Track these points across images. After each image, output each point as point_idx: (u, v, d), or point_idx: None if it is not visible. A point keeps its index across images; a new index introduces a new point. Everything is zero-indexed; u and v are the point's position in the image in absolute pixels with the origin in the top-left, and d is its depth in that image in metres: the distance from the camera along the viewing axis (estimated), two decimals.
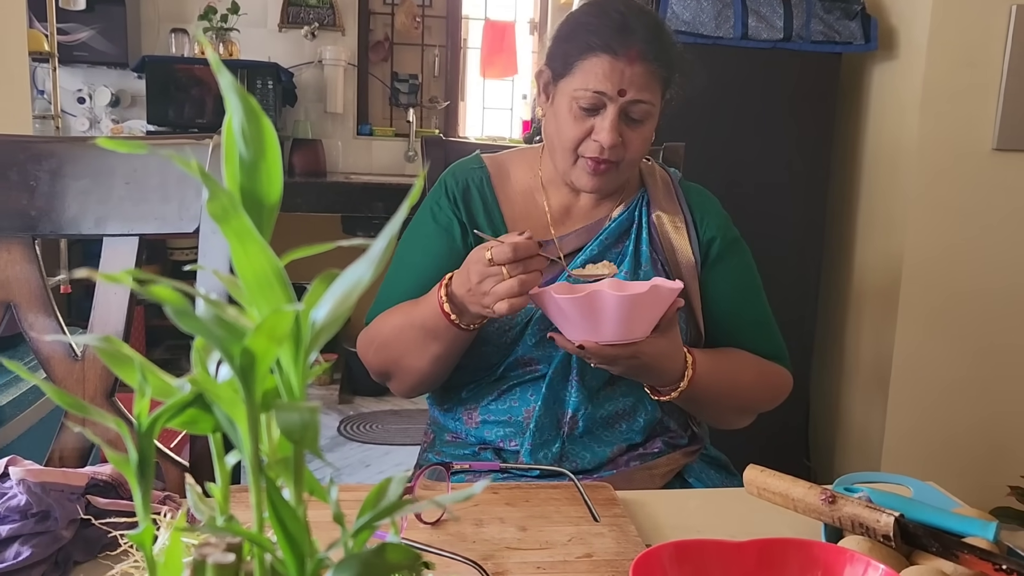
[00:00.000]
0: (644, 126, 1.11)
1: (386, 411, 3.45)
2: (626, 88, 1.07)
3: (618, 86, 1.07)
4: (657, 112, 1.13)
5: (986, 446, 2.32)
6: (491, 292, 0.97)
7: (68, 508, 0.66)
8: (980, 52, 2.16)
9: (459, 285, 1.02)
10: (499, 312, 0.97)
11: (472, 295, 1.00)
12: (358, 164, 3.94)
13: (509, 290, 0.96)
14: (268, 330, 0.25)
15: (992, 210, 2.22)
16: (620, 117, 1.09)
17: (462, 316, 1.04)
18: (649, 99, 1.09)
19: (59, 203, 0.88)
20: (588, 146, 1.11)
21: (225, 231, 0.26)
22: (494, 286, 0.97)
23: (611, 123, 1.08)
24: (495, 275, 0.97)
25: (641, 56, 1.07)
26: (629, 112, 1.09)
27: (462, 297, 1.02)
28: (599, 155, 1.10)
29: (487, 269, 0.97)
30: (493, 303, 0.97)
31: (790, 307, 2.27)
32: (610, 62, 1.07)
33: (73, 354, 0.89)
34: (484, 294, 0.98)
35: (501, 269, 0.96)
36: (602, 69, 1.07)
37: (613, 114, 1.08)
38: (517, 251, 0.96)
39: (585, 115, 1.09)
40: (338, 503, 0.30)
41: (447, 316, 1.04)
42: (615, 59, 1.06)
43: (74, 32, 3.44)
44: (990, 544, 0.67)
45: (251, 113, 0.27)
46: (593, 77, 1.07)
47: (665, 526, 0.83)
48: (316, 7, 3.80)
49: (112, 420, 0.29)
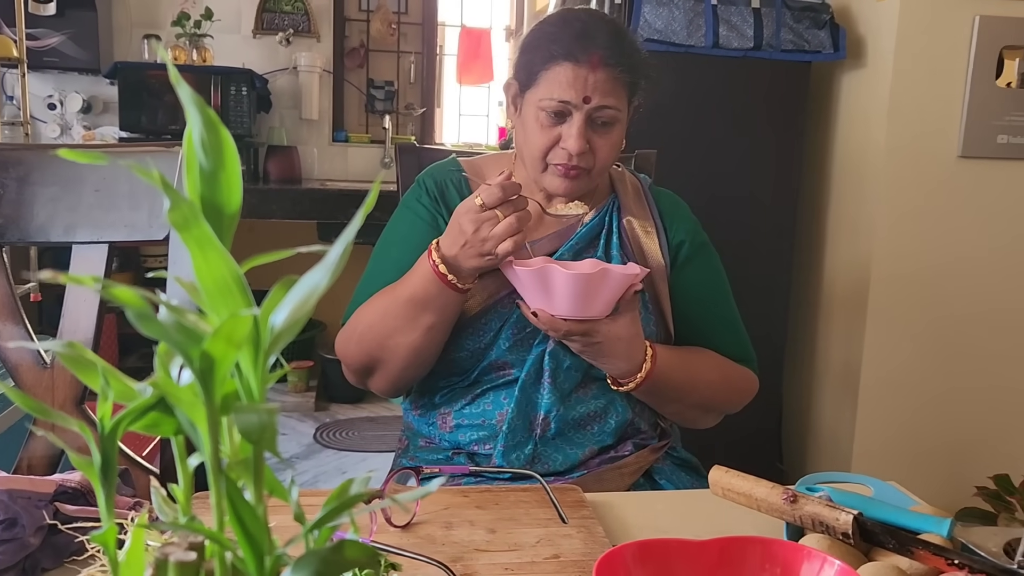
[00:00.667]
0: (612, 132, 1.13)
1: (362, 418, 3.45)
2: (590, 95, 1.09)
3: (582, 93, 1.08)
4: (624, 118, 1.14)
5: (953, 447, 2.36)
6: (491, 236, 1.01)
7: (36, 515, 0.66)
8: (945, 61, 2.21)
9: (451, 244, 1.05)
10: (503, 252, 1.02)
11: (469, 246, 1.03)
12: (334, 171, 3.93)
13: (508, 228, 1.01)
14: (226, 334, 0.26)
15: (958, 216, 2.27)
16: (587, 124, 1.10)
17: (458, 275, 1.06)
18: (614, 104, 1.11)
19: (27, 211, 0.88)
20: (556, 154, 1.12)
21: (186, 239, 0.27)
22: (492, 229, 1.01)
23: (578, 130, 1.09)
24: (490, 219, 1.02)
25: (603, 62, 1.08)
26: (595, 118, 1.11)
27: (456, 255, 1.04)
28: (567, 162, 1.11)
29: (480, 215, 1.02)
30: (495, 246, 1.02)
31: (761, 311, 2.30)
32: (573, 69, 1.08)
33: (42, 362, 0.89)
34: (484, 240, 1.02)
35: (494, 213, 1.01)
36: (565, 77, 1.08)
37: (579, 121, 1.09)
38: (505, 191, 1.01)
39: (552, 123, 1.11)
40: (299, 503, 0.31)
41: (443, 278, 1.05)
42: (577, 66, 1.08)
43: (44, 37, 3.41)
44: (944, 540, 0.69)
45: (210, 124, 0.28)
46: (557, 86, 1.09)
47: (632, 527, 0.84)
48: (291, 13, 3.79)
49: (76, 424, 0.30)
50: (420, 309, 1.08)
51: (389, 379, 1.16)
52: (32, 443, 0.89)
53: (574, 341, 1.07)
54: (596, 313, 1.04)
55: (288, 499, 0.31)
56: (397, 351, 1.12)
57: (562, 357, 1.13)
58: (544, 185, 1.16)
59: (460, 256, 1.04)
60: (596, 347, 1.07)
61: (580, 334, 1.05)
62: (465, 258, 1.04)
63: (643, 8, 2.21)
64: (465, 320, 1.14)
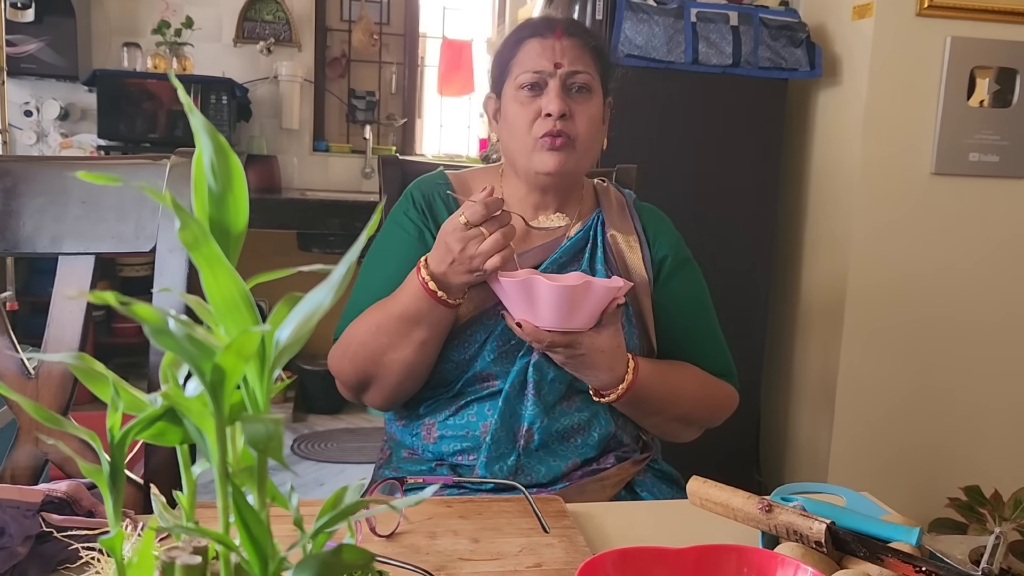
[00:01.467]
0: (589, 101, 1.18)
1: (340, 429, 3.44)
2: (560, 60, 1.16)
3: (552, 60, 1.15)
4: (599, 92, 1.20)
5: (927, 459, 2.40)
6: (478, 253, 1.03)
7: (24, 525, 0.66)
8: (918, 80, 2.26)
9: (439, 262, 1.07)
10: (491, 267, 1.04)
11: (457, 264, 1.05)
12: (314, 180, 3.93)
13: (495, 244, 1.03)
14: (237, 349, 0.27)
15: (931, 231, 2.32)
16: (563, 90, 1.16)
17: (448, 291, 1.08)
18: (584, 69, 1.17)
19: (14, 221, 0.88)
20: (540, 125, 1.16)
21: (195, 257, 0.29)
22: (478, 247, 1.03)
23: (555, 92, 1.15)
24: (475, 236, 1.04)
25: (566, 32, 1.17)
26: (570, 85, 1.17)
27: (444, 272, 1.06)
28: (552, 128, 1.15)
29: (466, 234, 1.04)
30: (483, 263, 1.04)
31: (741, 325, 2.33)
32: (539, 43, 1.17)
33: (26, 372, 0.90)
34: (471, 258, 1.04)
35: (480, 230, 1.03)
36: (535, 50, 1.17)
37: (556, 86, 1.15)
38: (488, 208, 1.03)
39: (530, 99, 1.16)
40: (298, 509, 0.32)
41: (433, 295, 1.07)
42: (543, 39, 1.17)
43: (22, 44, 3.38)
44: (913, 548, 0.71)
45: (220, 150, 0.29)
46: (528, 60, 1.16)
47: (613, 536, 0.85)
48: (272, 23, 3.80)
49: (85, 433, 0.31)
50: (412, 325, 1.10)
51: (384, 394, 1.17)
52: (16, 453, 0.89)
53: (557, 352, 1.09)
54: (579, 325, 1.06)
55: (288, 506, 0.32)
56: (391, 367, 1.13)
57: (546, 369, 1.14)
58: (533, 166, 1.18)
59: (449, 273, 1.06)
60: (579, 359, 1.09)
61: (563, 345, 1.07)
62: (454, 275, 1.06)
63: (624, 24, 2.25)
64: (451, 331, 1.15)
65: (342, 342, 1.17)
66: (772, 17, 2.35)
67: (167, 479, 0.92)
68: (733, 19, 2.32)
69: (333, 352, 1.19)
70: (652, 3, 2.28)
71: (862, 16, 2.28)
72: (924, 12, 2.22)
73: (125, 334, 3.62)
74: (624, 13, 2.25)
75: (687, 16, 2.28)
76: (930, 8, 2.22)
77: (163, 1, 3.65)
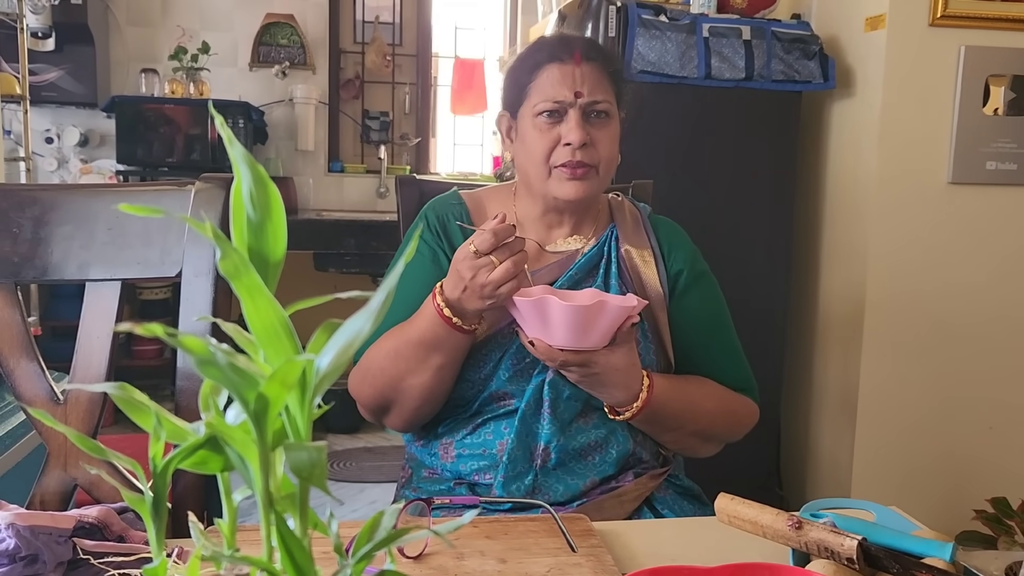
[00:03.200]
0: (608, 125, 1.17)
1: (359, 448, 3.44)
2: (580, 89, 1.14)
3: (573, 88, 1.14)
4: (616, 113, 1.19)
5: (952, 471, 2.37)
6: (489, 282, 1.03)
7: (57, 551, 0.67)
8: (933, 90, 2.26)
9: (452, 288, 1.07)
10: (503, 295, 1.03)
11: (470, 292, 1.05)
12: (329, 201, 3.96)
13: (506, 273, 1.03)
14: (281, 378, 0.27)
15: (949, 241, 2.30)
16: (583, 118, 1.15)
17: (463, 318, 1.08)
18: (604, 97, 1.16)
19: (42, 249, 0.89)
20: (559, 154, 1.15)
21: (236, 287, 0.29)
22: (489, 275, 1.03)
23: (576, 122, 1.14)
24: (486, 265, 1.03)
25: (585, 56, 1.15)
26: (590, 112, 1.15)
27: (459, 299, 1.06)
28: (572, 158, 1.14)
29: (476, 262, 1.04)
30: (494, 291, 1.03)
31: (758, 339, 2.32)
32: (559, 68, 1.14)
33: (55, 398, 0.90)
34: (483, 286, 1.04)
35: (489, 259, 1.03)
36: (554, 77, 1.14)
37: (576, 115, 1.14)
38: (498, 236, 1.03)
39: (549, 127, 1.15)
40: (338, 535, 0.32)
41: (448, 321, 1.07)
42: (563, 64, 1.14)
43: (42, 73, 3.44)
44: (947, 564, 0.70)
45: (259, 180, 0.30)
46: (549, 87, 1.14)
47: (640, 555, 0.85)
48: (287, 46, 3.84)
49: (128, 462, 0.32)
50: (429, 351, 1.10)
51: (404, 417, 1.18)
52: (45, 479, 0.90)
53: (571, 371, 1.09)
54: (593, 344, 1.05)
55: (328, 532, 0.32)
56: (410, 392, 1.14)
57: (562, 387, 1.14)
58: (551, 193, 1.17)
59: (462, 300, 1.06)
60: (594, 377, 1.08)
61: (577, 364, 1.06)
62: (467, 301, 1.06)
63: (636, 41, 2.25)
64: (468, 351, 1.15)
65: (361, 366, 1.18)
66: (784, 30, 2.36)
67: (193, 504, 0.92)
68: (745, 33, 2.32)
69: (353, 375, 1.20)
70: (664, 19, 2.29)
71: (875, 27, 2.28)
72: (937, 22, 2.22)
73: (144, 356, 3.66)
74: (636, 29, 2.25)
75: (699, 31, 2.29)
76: (943, 18, 2.21)
77: (179, 27, 3.70)
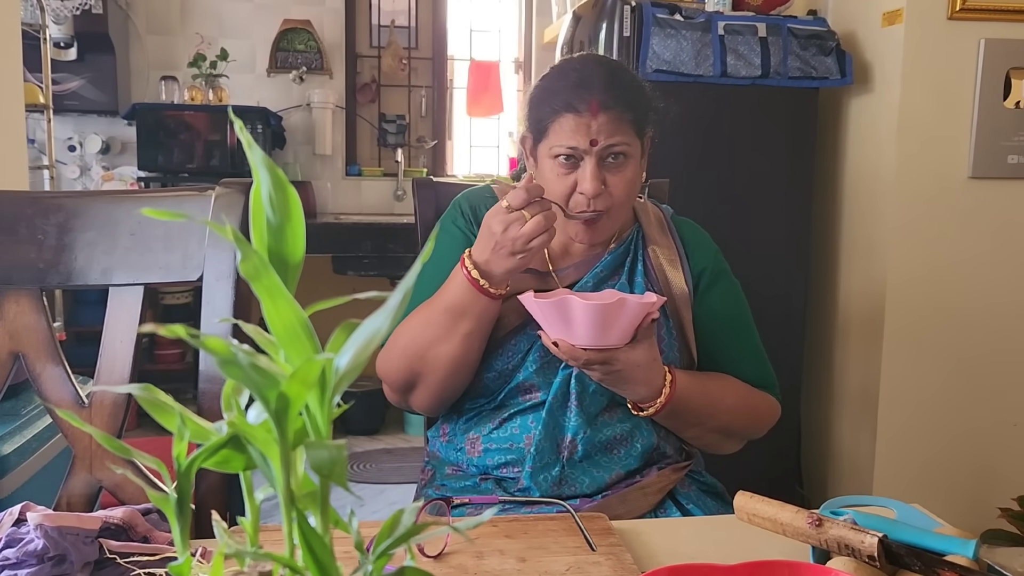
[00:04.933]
0: (625, 168, 1.17)
1: (379, 450, 3.46)
2: (596, 138, 1.13)
3: (588, 138, 1.13)
4: (637, 152, 1.18)
5: (974, 468, 2.35)
6: (520, 235, 1.05)
7: (83, 551, 0.68)
8: (952, 84, 2.24)
9: (482, 250, 1.09)
10: (534, 248, 1.06)
11: (500, 247, 1.07)
12: (347, 204, 3.98)
13: (536, 227, 1.05)
14: (301, 377, 0.28)
15: (970, 236, 2.28)
16: (599, 164, 1.14)
17: (491, 280, 1.09)
18: (622, 141, 1.15)
19: (67, 255, 0.91)
20: (576, 201, 1.16)
21: (256, 288, 0.30)
22: (520, 229, 1.06)
23: (591, 172, 1.14)
24: (517, 219, 1.06)
25: (602, 106, 1.13)
26: (607, 157, 1.15)
27: (488, 259, 1.08)
28: (587, 207, 1.15)
29: (508, 216, 1.06)
30: (524, 245, 1.06)
31: (778, 336, 2.31)
32: (574, 119, 1.13)
33: (80, 401, 0.92)
34: (513, 240, 1.06)
35: (521, 213, 1.06)
36: (569, 127, 1.14)
37: (592, 164, 1.14)
38: (530, 192, 1.06)
39: (567, 171, 1.16)
40: (359, 532, 0.33)
41: (476, 283, 1.09)
42: (579, 116, 1.13)
43: (64, 82, 3.49)
44: (970, 562, 0.70)
45: (279, 184, 0.30)
46: (564, 136, 1.14)
47: (659, 553, 0.85)
48: (304, 52, 3.87)
49: (153, 461, 0.32)
50: (457, 317, 1.11)
51: (431, 392, 1.18)
52: (71, 481, 0.91)
53: (594, 370, 1.09)
54: (615, 341, 1.07)
55: (349, 530, 0.33)
56: (437, 362, 1.14)
57: (588, 380, 1.15)
58: (568, 232, 1.20)
59: (491, 261, 1.08)
60: (616, 375, 1.09)
61: (600, 362, 1.07)
62: (496, 260, 1.08)
63: (651, 40, 2.25)
64: (495, 341, 1.17)
65: (390, 342, 1.19)
66: (801, 27, 2.34)
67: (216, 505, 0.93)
68: (761, 30, 2.31)
69: (381, 354, 1.20)
70: (679, 17, 2.28)
71: (892, 22, 2.27)
72: (956, 15, 2.20)
73: (167, 360, 3.70)
74: (651, 29, 2.25)
75: (714, 29, 2.28)
76: (962, 11, 2.19)
77: (198, 35, 3.74)
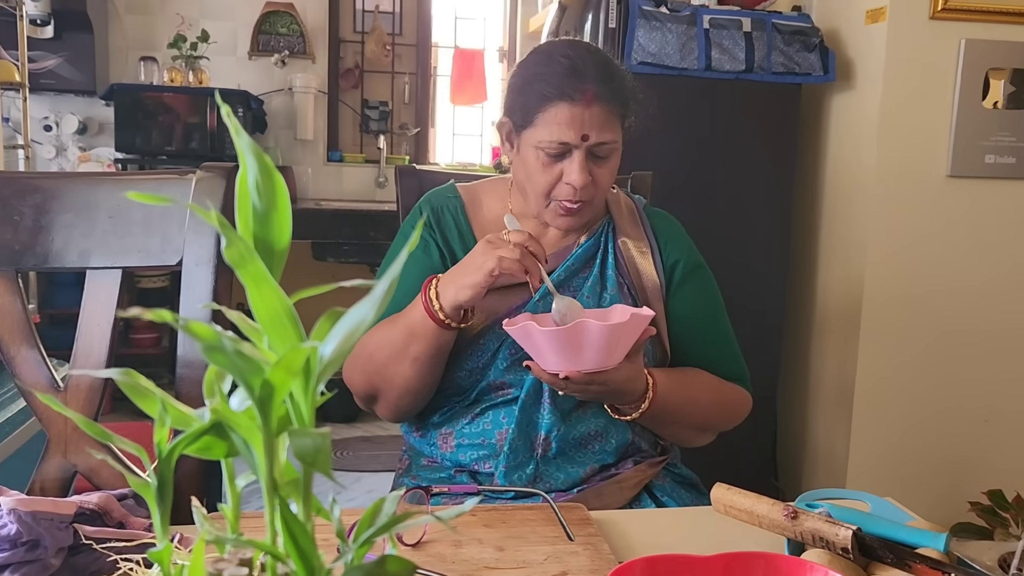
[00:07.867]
0: (610, 162, 1.16)
1: (357, 438, 3.45)
2: (588, 132, 1.11)
3: (580, 132, 1.11)
4: (620, 146, 1.18)
5: (947, 464, 2.38)
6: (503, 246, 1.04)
7: (58, 536, 0.67)
8: (933, 83, 2.26)
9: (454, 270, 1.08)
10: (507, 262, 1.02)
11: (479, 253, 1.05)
12: (328, 190, 3.96)
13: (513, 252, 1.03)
14: (286, 365, 0.28)
15: (948, 235, 2.31)
16: (587, 158, 1.13)
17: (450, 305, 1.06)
18: (611, 138, 1.14)
19: (43, 237, 0.90)
20: (560, 190, 1.15)
21: (242, 275, 0.29)
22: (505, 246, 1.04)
23: (579, 166, 1.12)
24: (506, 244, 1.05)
25: (596, 97, 1.11)
26: (595, 152, 1.14)
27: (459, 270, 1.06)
28: (572, 197, 1.14)
29: (502, 240, 1.06)
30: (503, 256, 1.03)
31: (756, 330, 2.33)
32: (568, 109, 1.10)
33: (56, 384, 0.91)
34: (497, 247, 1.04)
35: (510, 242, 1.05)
36: (562, 117, 1.10)
37: (580, 158, 1.12)
38: (530, 240, 1.05)
39: (552, 162, 1.14)
40: (340, 520, 0.33)
41: (428, 308, 1.07)
42: (572, 104, 1.10)
43: (41, 60, 3.43)
44: (941, 554, 0.71)
45: (265, 170, 0.30)
46: (556, 127, 1.11)
47: (637, 544, 0.86)
48: (286, 35, 3.83)
49: (133, 447, 0.32)
50: (410, 339, 1.11)
51: (390, 407, 1.19)
52: (45, 466, 0.90)
53: (590, 392, 1.08)
54: (616, 361, 1.04)
55: (331, 518, 0.33)
56: (393, 380, 1.14)
57: None
58: (545, 219, 1.20)
59: (462, 271, 1.06)
60: (607, 392, 1.09)
61: (600, 383, 1.05)
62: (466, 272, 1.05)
63: (637, 32, 2.25)
64: (464, 340, 1.16)
65: (355, 352, 1.18)
66: (785, 22, 2.35)
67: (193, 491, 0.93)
68: (746, 25, 2.32)
69: (347, 363, 1.20)
70: (665, 10, 2.28)
71: (875, 20, 2.28)
72: (938, 15, 2.22)
73: (142, 344, 3.66)
74: (637, 21, 2.25)
75: (700, 23, 2.29)
76: (944, 11, 2.21)
77: (179, 15, 3.69)
